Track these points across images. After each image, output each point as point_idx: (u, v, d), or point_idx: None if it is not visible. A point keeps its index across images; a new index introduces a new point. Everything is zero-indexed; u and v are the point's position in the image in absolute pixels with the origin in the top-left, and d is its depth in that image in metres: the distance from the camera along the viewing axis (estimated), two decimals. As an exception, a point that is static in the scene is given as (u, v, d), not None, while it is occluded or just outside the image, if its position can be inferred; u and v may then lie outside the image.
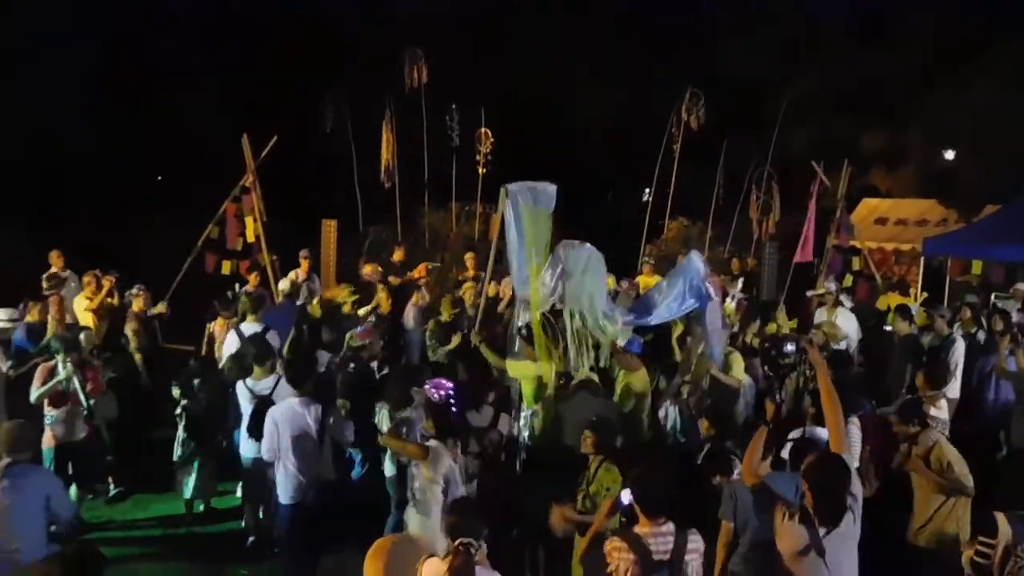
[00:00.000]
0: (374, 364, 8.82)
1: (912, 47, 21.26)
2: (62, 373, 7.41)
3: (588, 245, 7.60)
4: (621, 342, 7.50)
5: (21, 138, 20.23)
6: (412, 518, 5.57)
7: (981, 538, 4.77)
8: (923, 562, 6.10)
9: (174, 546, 7.53)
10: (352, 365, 8.45)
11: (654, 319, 7.82)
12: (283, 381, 6.86)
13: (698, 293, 7.63)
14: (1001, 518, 4.68)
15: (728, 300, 11.46)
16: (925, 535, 6.16)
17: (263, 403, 6.83)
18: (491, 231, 23.68)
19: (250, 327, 8.72)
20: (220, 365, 8.68)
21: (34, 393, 7.37)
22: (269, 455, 6.40)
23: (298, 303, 10.81)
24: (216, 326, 10.03)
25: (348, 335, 8.98)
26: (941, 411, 7.21)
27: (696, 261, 7.83)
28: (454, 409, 5.84)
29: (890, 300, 12.38)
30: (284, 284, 11.83)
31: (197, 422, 7.80)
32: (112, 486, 8.38)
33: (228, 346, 8.70)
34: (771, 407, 5.82)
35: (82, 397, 7.46)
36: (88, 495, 7.99)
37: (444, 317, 10.23)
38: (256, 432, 6.65)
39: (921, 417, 6.60)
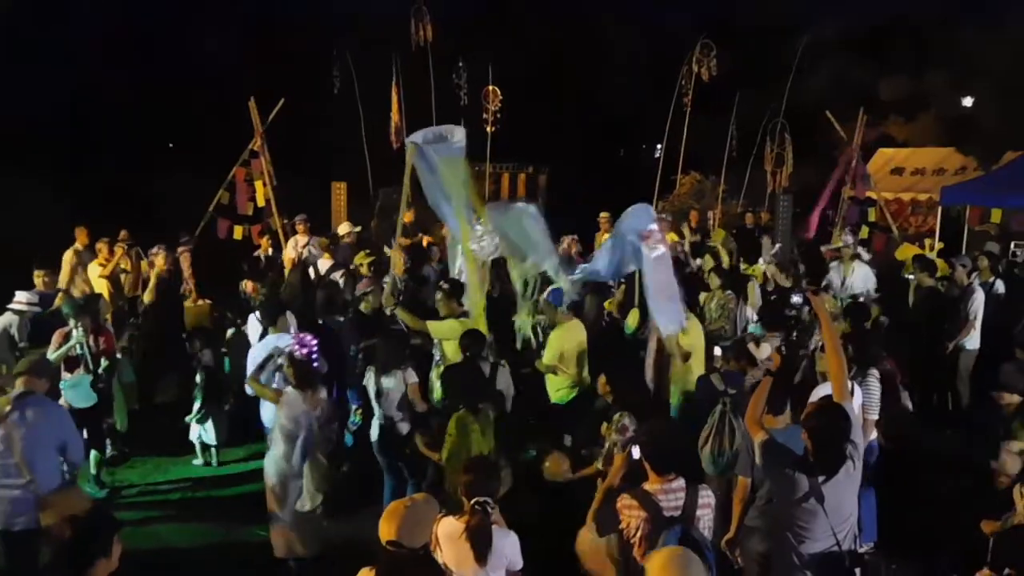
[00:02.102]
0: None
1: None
2: (75, 336, 7.44)
3: (519, 205, 7.49)
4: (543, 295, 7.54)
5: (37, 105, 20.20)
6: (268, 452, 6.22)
7: None
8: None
9: (192, 509, 7.56)
10: (351, 312, 8.53)
11: (594, 274, 7.63)
12: None
13: (635, 251, 7.18)
14: None
15: (760, 262, 11.31)
16: None
17: None
18: (502, 190, 23.75)
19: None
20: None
21: (51, 355, 7.27)
22: None
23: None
24: (247, 287, 10.13)
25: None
26: (763, 351, 6.99)
27: (635, 214, 7.34)
28: (315, 364, 6.20)
29: (907, 252, 12.23)
30: (288, 250, 11.77)
31: (214, 378, 8.22)
32: (110, 446, 8.18)
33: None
34: (777, 358, 5.74)
35: (90, 362, 7.46)
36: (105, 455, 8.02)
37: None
38: None
39: (749, 357, 6.63)
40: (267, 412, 6.95)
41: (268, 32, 23.71)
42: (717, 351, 7.36)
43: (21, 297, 8.28)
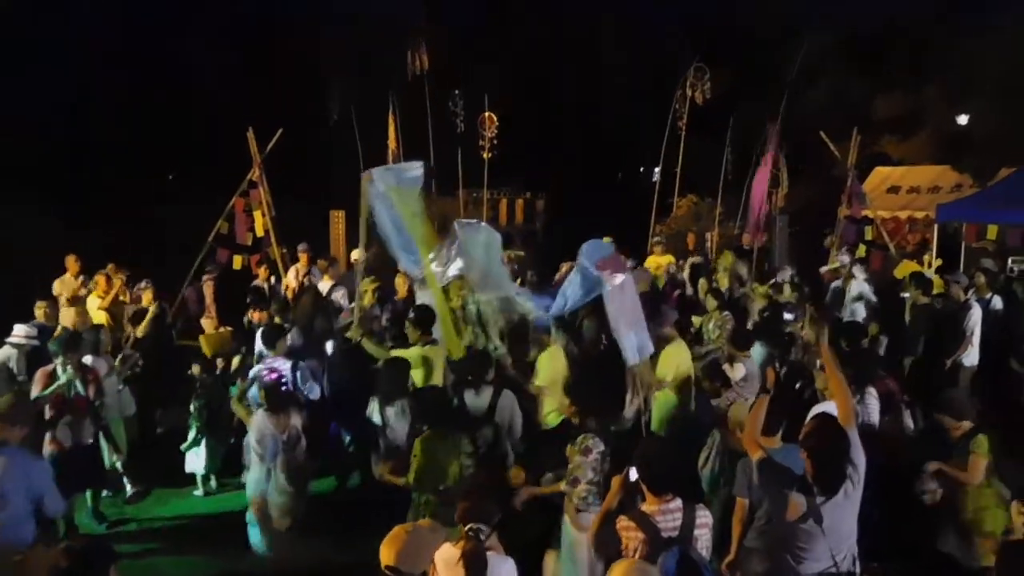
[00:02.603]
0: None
1: (920, 10, 20.97)
2: (62, 377, 7.07)
3: (484, 225, 7.55)
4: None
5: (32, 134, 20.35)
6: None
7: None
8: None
9: (192, 540, 7.52)
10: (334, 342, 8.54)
11: (560, 307, 7.58)
12: None
13: (594, 281, 7.18)
14: None
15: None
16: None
17: None
18: (500, 216, 23.87)
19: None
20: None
21: (35, 395, 7.01)
22: None
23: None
24: (253, 316, 10.13)
25: None
26: (737, 372, 7.04)
27: (591, 249, 7.35)
28: (285, 388, 6.53)
29: (907, 268, 12.25)
30: (289, 278, 11.81)
31: (209, 404, 8.16)
32: (129, 486, 8.15)
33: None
34: (772, 374, 5.76)
35: (87, 402, 7.15)
36: (106, 494, 7.97)
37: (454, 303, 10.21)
38: None
39: (723, 378, 6.70)
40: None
41: (266, 62, 23.91)
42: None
43: (19, 330, 8.22)
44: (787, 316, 8.73)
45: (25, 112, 19.58)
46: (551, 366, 7.54)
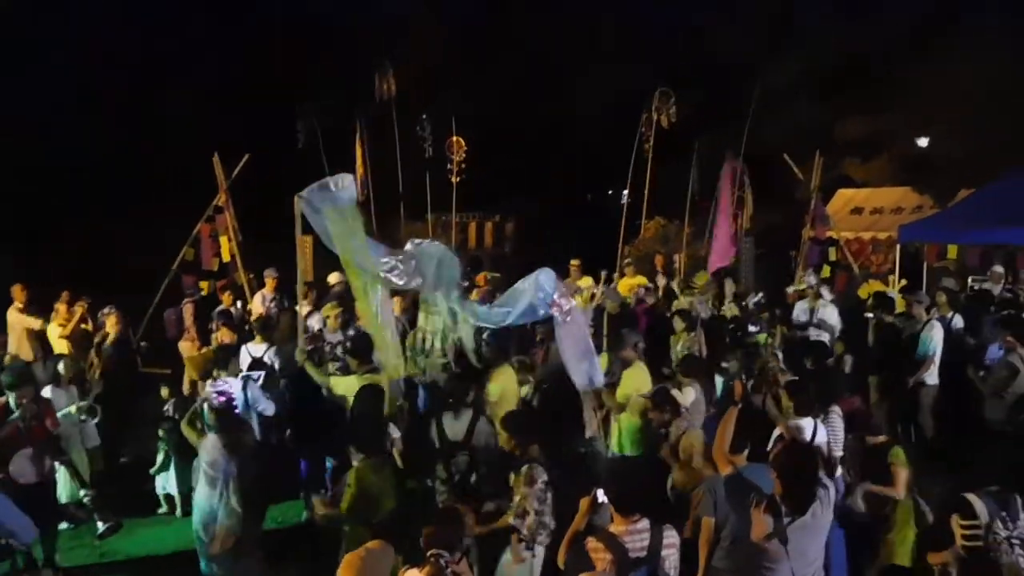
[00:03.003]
0: None
1: (881, 36, 21.45)
2: (16, 412, 6.72)
3: (437, 243, 7.53)
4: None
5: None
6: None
7: (963, 522, 4.75)
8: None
9: (159, 570, 7.43)
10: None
11: (506, 321, 7.52)
12: None
13: (545, 308, 7.28)
14: (973, 498, 4.68)
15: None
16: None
17: None
18: (470, 239, 23.90)
19: (257, 348, 8.67)
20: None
21: None
22: None
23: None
24: (222, 336, 10.01)
25: None
26: (687, 396, 7.14)
27: (542, 280, 7.36)
28: (236, 409, 6.63)
29: (871, 288, 12.43)
30: (255, 304, 11.72)
31: (178, 426, 7.83)
32: (100, 523, 7.29)
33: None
34: (739, 386, 5.80)
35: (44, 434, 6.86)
36: (66, 526, 7.76)
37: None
38: None
39: (673, 404, 6.65)
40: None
41: (230, 87, 23.82)
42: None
43: None
44: (751, 328, 8.84)
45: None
46: (507, 385, 7.62)
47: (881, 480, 6.10)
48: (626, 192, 18.33)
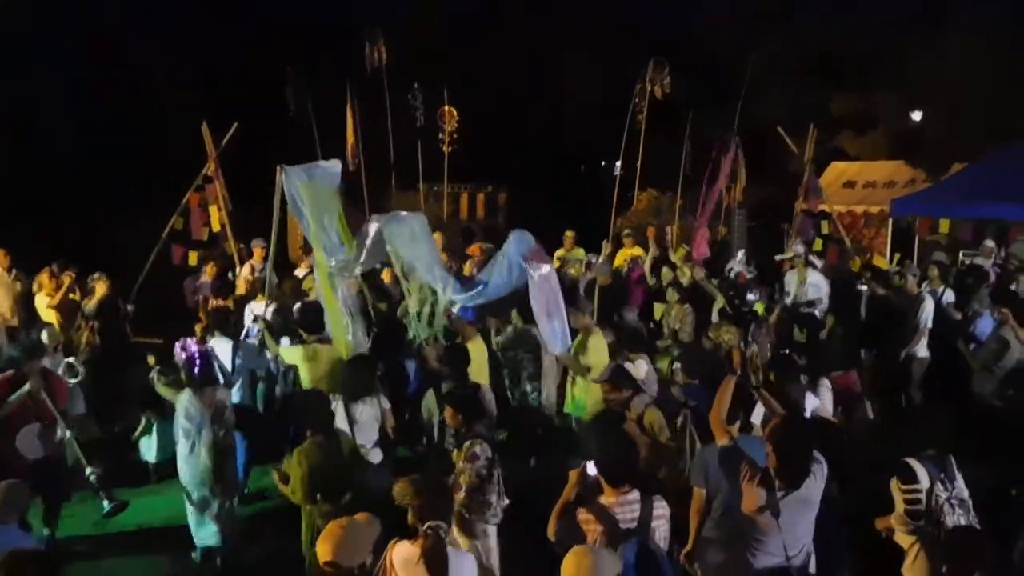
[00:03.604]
0: None
1: (877, 10, 21.28)
2: (26, 386, 6.65)
3: (409, 214, 7.54)
4: (455, 309, 7.67)
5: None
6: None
7: (906, 487, 4.80)
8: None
9: (149, 539, 7.41)
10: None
11: (482, 297, 7.60)
12: None
13: (520, 271, 7.32)
14: (914, 463, 4.74)
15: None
16: None
17: None
18: (461, 210, 23.77)
19: (258, 305, 8.80)
20: None
21: None
22: None
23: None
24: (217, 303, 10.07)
25: None
26: (640, 369, 7.06)
27: (518, 239, 7.45)
28: (198, 366, 6.68)
29: (862, 261, 12.43)
30: (244, 273, 11.65)
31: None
32: (106, 502, 7.10)
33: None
34: (737, 354, 5.76)
35: (54, 410, 6.77)
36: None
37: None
38: None
39: (631, 381, 6.45)
40: None
41: (220, 56, 23.53)
42: (677, 365, 7.39)
43: None
44: (749, 296, 8.84)
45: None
46: (476, 355, 7.56)
47: None
48: (619, 164, 18.23)
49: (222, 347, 7.74)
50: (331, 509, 5.39)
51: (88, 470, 6.80)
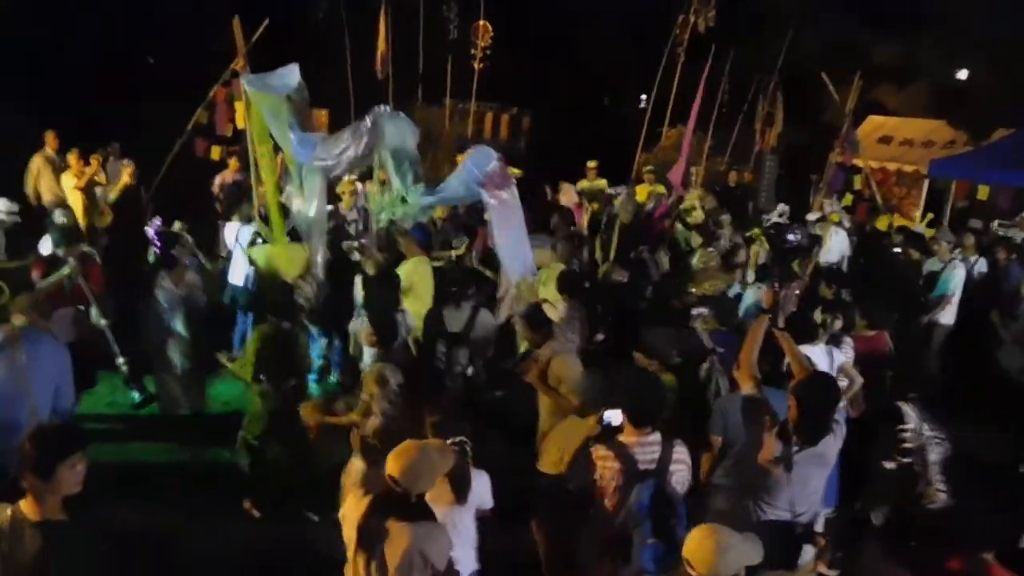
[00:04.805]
0: None
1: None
2: (65, 268, 6.65)
3: (401, 114, 7.29)
4: (408, 224, 7.65)
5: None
6: None
7: (899, 427, 4.91)
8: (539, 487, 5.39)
9: (161, 426, 7.38)
10: None
11: (435, 197, 7.30)
12: None
13: (474, 187, 6.92)
14: (903, 405, 4.79)
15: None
16: (544, 458, 5.39)
17: None
18: (485, 130, 23.36)
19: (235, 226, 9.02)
20: None
21: (40, 284, 6.60)
22: None
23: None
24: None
25: None
26: (557, 312, 6.52)
27: (477, 155, 7.03)
28: (158, 246, 7.56)
29: (890, 220, 12.17)
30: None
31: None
32: (136, 394, 7.24)
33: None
34: (770, 293, 5.58)
35: (90, 295, 6.69)
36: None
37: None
38: None
39: (548, 325, 5.92)
40: None
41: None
42: (696, 311, 7.20)
43: (1, 205, 7.94)
44: (790, 237, 8.68)
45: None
46: (416, 275, 7.32)
47: None
48: (644, 97, 17.77)
49: (233, 230, 8.58)
50: (271, 390, 5.97)
51: (119, 360, 6.75)
